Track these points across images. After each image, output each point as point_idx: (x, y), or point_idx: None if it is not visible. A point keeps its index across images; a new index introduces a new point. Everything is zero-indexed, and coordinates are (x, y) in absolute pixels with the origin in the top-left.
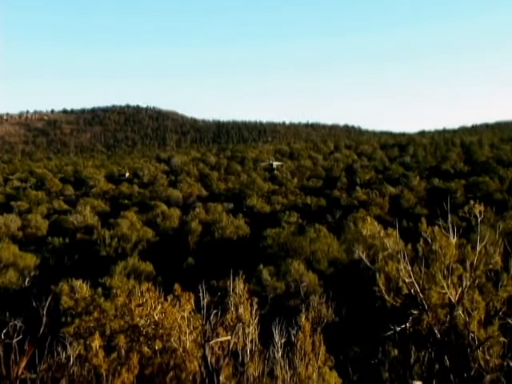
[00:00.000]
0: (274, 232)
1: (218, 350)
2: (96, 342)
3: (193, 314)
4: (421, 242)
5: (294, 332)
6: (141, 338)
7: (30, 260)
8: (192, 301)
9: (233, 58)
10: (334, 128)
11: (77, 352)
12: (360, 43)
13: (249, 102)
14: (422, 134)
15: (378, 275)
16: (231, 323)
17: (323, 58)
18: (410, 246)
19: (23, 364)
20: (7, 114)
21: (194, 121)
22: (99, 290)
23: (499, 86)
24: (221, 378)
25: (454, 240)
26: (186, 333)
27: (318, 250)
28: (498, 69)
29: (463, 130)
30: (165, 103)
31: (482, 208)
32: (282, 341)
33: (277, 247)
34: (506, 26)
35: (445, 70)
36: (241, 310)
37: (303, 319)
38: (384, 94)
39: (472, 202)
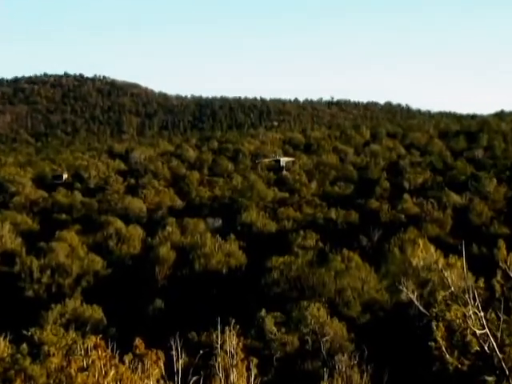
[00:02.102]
0: (283, 262)
1: None
2: None
3: (162, 382)
4: (498, 277)
5: None
6: None
7: None
8: (161, 363)
9: (219, 4)
10: (370, 108)
11: None
12: None
13: (245, 69)
14: (500, 116)
15: (435, 325)
16: None
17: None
18: (482, 283)
19: None
20: None
21: (165, 97)
22: (24, 346)
23: None
24: None
25: None
26: None
27: (346, 288)
28: None
29: None
30: (121, 72)
31: None
32: None
33: (286, 284)
34: None
35: None
36: (233, 377)
37: None
38: (443, 61)
39: None
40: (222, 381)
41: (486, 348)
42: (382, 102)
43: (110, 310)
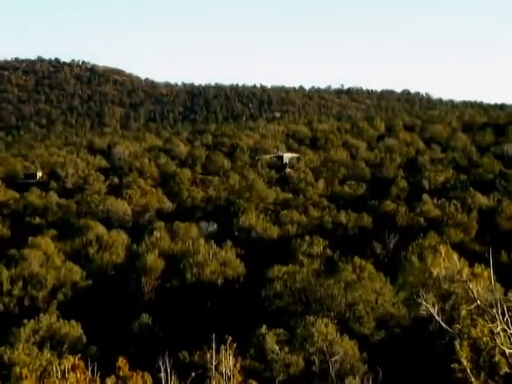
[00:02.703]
0: (286, 271)
1: None
2: None
3: None
4: None
5: None
6: None
7: None
8: None
9: None
10: (385, 97)
11: None
12: None
13: (243, 53)
14: None
15: (458, 343)
16: None
17: None
18: None
19: None
20: None
21: (152, 85)
22: None
23: None
24: None
25: None
26: None
27: (358, 302)
28: None
29: None
30: (102, 56)
31: None
32: None
33: (290, 297)
34: None
35: None
36: None
37: None
38: (468, 45)
39: None
40: None
41: None
42: (398, 90)
43: (90, 327)
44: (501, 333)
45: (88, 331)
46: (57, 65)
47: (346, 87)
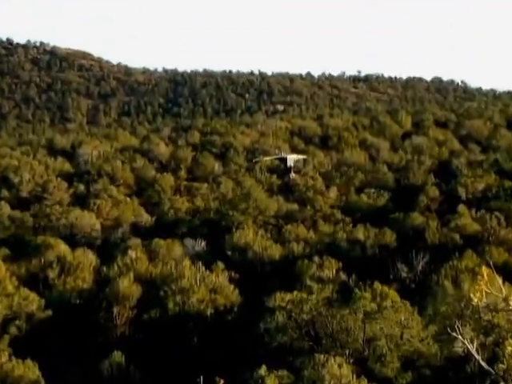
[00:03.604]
0: (291, 300)
1: None
2: None
3: None
4: None
5: None
6: None
7: None
8: None
9: None
10: (412, 85)
11: None
12: None
13: (238, 33)
14: None
15: None
16: None
17: None
18: None
19: None
20: None
21: (126, 71)
22: None
23: None
24: None
25: None
26: None
27: (379, 337)
28: None
29: None
30: (65, 37)
31: None
32: None
33: (295, 330)
34: None
35: None
36: None
37: None
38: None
39: None
40: None
41: None
42: (428, 77)
43: (49, 367)
44: None
45: (47, 373)
46: (9, 46)
47: (363, 74)
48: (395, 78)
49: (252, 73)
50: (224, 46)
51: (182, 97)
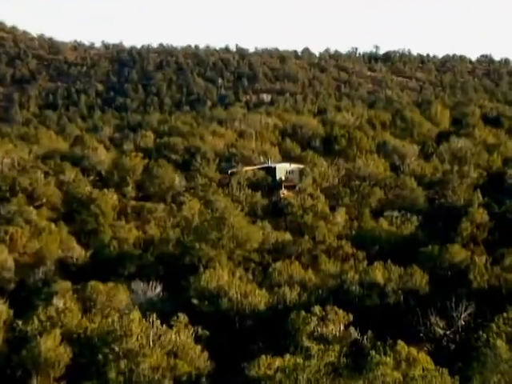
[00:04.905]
0: (281, 367)
1: None
2: None
3: None
4: None
5: None
6: None
7: None
8: None
9: None
10: (450, 67)
11: None
12: None
13: None
14: None
15: None
16: None
17: None
18: None
19: None
20: None
21: (51, 46)
22: None
23: None
24: None
25: None
26: None
27: None
28: None
29: None
30: None
31: None
32: None
33: None
34: None
35: None
36: None
37: None
38: None
39: None
40: None
41: None
42: (472, 56)
43: None
44: None
45: None
46: None
47: (382, 51)
48: (427, 56)
49: (227, 49)
50: (187, 12)
51: (128, 82)
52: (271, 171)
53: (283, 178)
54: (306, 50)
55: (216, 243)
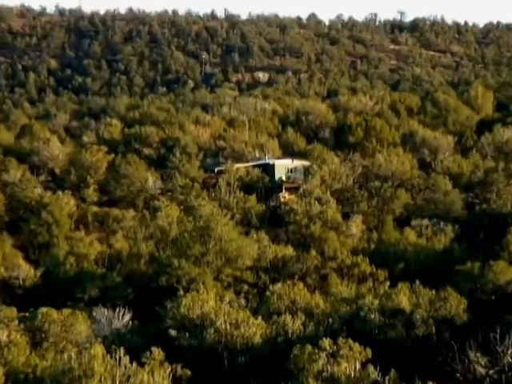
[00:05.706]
0: None
1: None
2: None
3: None
4: None
5: None
6: None
7: None
8: None
9: None
10: (493, 38)
11: None
12: None
13: None
14: None
15: None
16: None
17: None
18: None
19: None
20: None
21: None
22: None
23: None
24: None
25: None
26: None
27: None
28: None
29: None
30: None
31: None
32: None
33: None
34: None
35: None
36: None
37: None
38: None
39: None
40: None
41: None
42: None
43: None
44: None
45: None
46: None
47: (409, 18)
48: (465, 25)
49: (213, 15)
50: None
51: (89, 57)
52: (269, 169)
53: (284, 178)
54: (313, 17)
55: (199, 260)
